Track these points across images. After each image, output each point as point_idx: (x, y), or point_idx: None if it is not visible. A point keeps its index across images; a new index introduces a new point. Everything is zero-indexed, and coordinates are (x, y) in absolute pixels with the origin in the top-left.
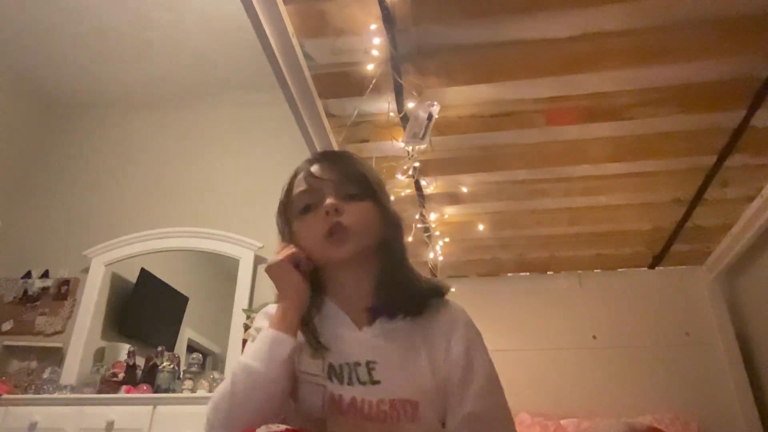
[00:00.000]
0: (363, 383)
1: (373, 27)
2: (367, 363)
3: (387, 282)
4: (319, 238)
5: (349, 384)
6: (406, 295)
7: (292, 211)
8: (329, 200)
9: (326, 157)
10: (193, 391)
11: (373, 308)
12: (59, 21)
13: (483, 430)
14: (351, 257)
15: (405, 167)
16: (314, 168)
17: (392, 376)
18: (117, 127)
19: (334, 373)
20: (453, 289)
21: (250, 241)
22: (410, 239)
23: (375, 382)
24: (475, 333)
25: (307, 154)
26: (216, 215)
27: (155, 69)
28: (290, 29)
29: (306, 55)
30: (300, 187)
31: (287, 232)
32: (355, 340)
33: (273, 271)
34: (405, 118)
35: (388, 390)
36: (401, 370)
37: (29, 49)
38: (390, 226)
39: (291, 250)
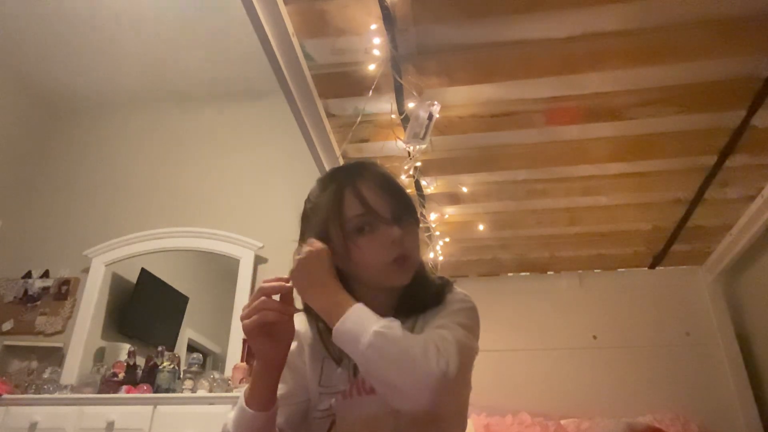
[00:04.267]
0: None
1: (373, 27)
2: None
3: (414, 288)
4: (382, 264)
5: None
6: (428, 295)
7: (345, 229)
8: (397, 230)
9: (372, 176)
10: (193, 391)
11: (398, 308)
12: (60, 22)
13: (434, 336)
14: (408, 282)
15: (406, 167)
16: (365, 191)
17: None
18: (117, 127)
19: (356, 371)
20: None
21: (250, 241)
22: None
23: None
24: (462, 296)
25: (307, 154)
26: (216, 215)
27: (156, 70)
28: (290, 29)
29: (306, 55)
30: (353, 209)
31: (342, 246)
32: None
33: (245, 333)
34: (405, 118)
35: None
36: None
37: (30, 49)
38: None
39: (265, 315)
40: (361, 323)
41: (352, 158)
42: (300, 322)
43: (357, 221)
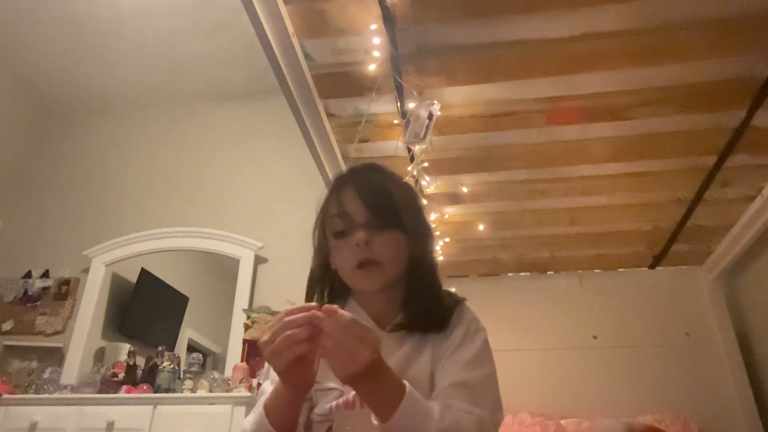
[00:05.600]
0: None
1: (373, 27)
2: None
3: (415, 299)
4: (349, 268)
5: None
6: (431, 313)
7: (328, 231)
8: (360, 234)
9: (357, 181)
10: (193, 391)
11: (399, 324)
12: (60, 22)
13: (466, 397)
14: (380, 288)
15: (409, 168)
16: (345, 196)
17: (399, 365)
18: (117, 127)
19: None
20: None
21: (250, 241)
22: None
23: None
24: (476, 325)
25: (307, 155)
26: (216, 215)
27: (156, 70)
28: (290, 29)
29: (306, 55)
30: (332, 211)
31: (325, 248)
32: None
33: (273, 368)
34: (406, 119)
35: None
36: (409, 359)
37: (29, 50)
38: (419, 245)
39: (296, 351)
40: (420, 420)
41: (352, 158)
42: None
43: (336, 223)
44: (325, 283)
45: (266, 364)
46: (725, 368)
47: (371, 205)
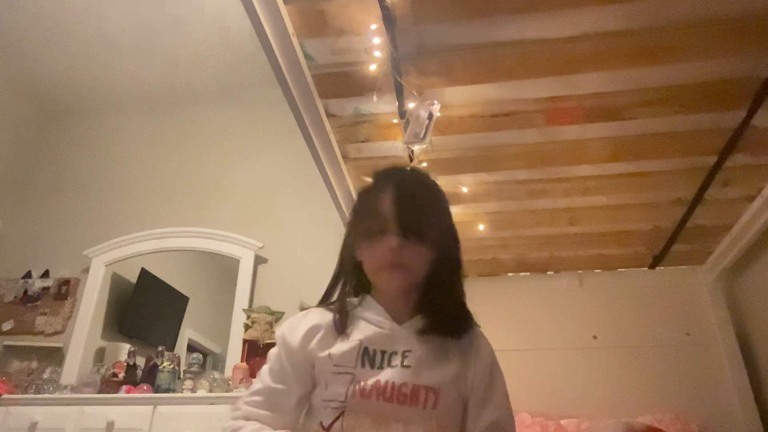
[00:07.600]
0: (393, 366)
1: (373, 27)
2: (403, 352)
3: (433, 301)
4: (376, 267)
5: (379, 368)
6: (448, 316)
7: (360, 226)
8: (396, 241)
9: (400, 186)
10: (193, 391)
11: (417, 325)
12: (60, 22)
13: None
14: (401, 289)
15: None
16: (386, 197)
17: (421, 365)
18: (117, 127)
19: (367, 357)
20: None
21: (250, 241)
22: None
23: (405, 367)
24: (495, 356)
25: (307, 154)
26: (216, 215)
27: (156, 70)
28: (290, 29)
29: (306, 55)
30: (371, 210)
31: (353, 242)
32: (394, 330)
33: None
34: (406, 118)
35: (414, 375)
36: (431, 361)
37: (30, 50)
38: (448, 256)
39: None
40: None
41: (352, 158)
42: (318, 314)
43: (370, 222)
44: (353, 276)
45: (265, 365)
46: (725, 368)
47: (410, 212)
